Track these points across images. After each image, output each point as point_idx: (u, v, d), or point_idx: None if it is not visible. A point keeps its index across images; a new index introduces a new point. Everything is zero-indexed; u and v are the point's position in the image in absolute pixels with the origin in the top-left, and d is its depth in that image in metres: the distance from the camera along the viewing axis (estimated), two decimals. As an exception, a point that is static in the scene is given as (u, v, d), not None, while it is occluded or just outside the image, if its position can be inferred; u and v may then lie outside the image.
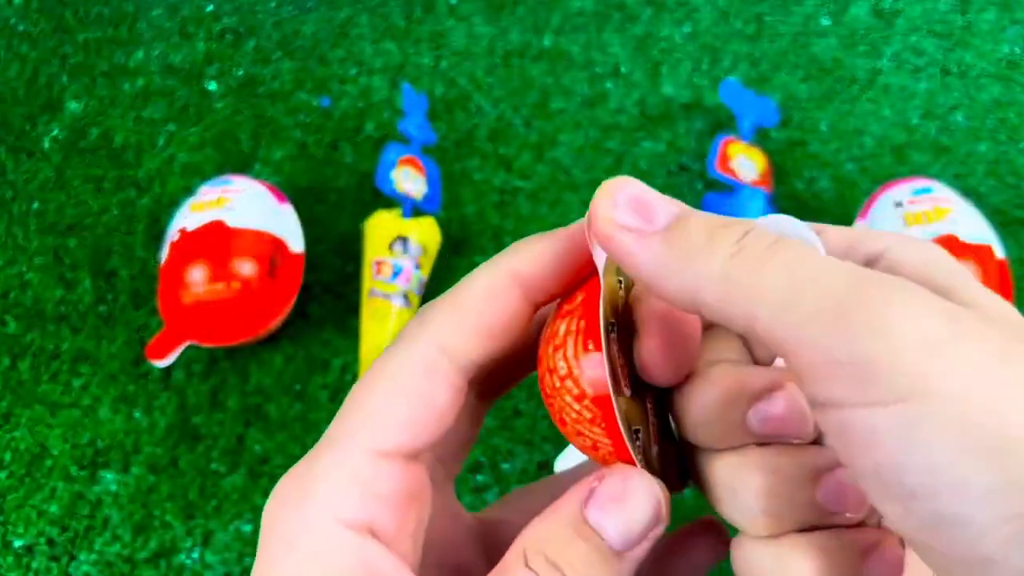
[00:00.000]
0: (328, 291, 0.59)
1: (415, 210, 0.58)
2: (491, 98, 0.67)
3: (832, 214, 0.61)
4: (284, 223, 0.57)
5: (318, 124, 0.66)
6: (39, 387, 0.57)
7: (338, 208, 0.63)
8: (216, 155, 0.65)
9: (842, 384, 0.14)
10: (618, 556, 0.17)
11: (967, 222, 0.52)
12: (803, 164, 0.63)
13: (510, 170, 0.64)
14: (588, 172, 0.64)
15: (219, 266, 0.53)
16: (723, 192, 0.59)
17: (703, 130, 0.65)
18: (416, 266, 0.57)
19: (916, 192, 0.54)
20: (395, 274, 0.56)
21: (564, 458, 0.52)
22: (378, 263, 0.56)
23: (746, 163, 0.59)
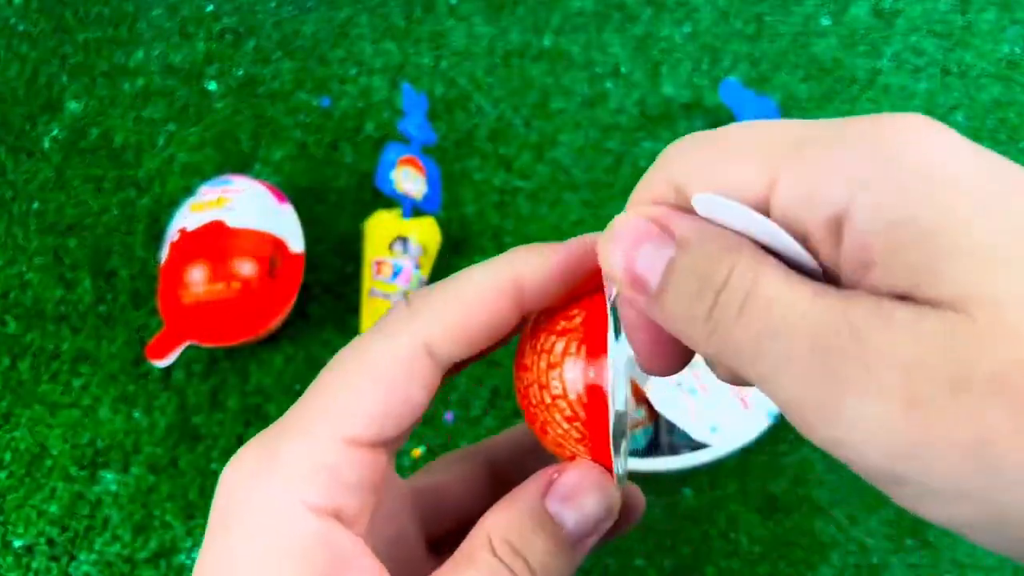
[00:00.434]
0: (328, 291, 0.59)
1: (415, 210, 0.58)
2: (491, 98, 0.67)
3: (832, 214, 0.61)
4: (284, 223, 0.57)
5: (318, 124, 0.66)
6: (39, 387, 0.57)
7: (338, 208, 0.63)
8: (216, 155, 0.65)
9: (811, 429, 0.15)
10: (573, 545, 0.18)
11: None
12: (803, 164, 0.63)
13: (510, 170, 0.64)
14: (588, 172, 0.64)
15: (219, 266, 0.53)
16: (723, 192, 0.59)
17: (703, 130, 0.65)
18: (416, 266, 0.57)
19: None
20: (395, 274, 0.56)
21: None
22: (378, 263, 0.56)
23: (746, 163, 0.59)
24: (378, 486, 0.19)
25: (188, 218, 0.55)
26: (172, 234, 0.55)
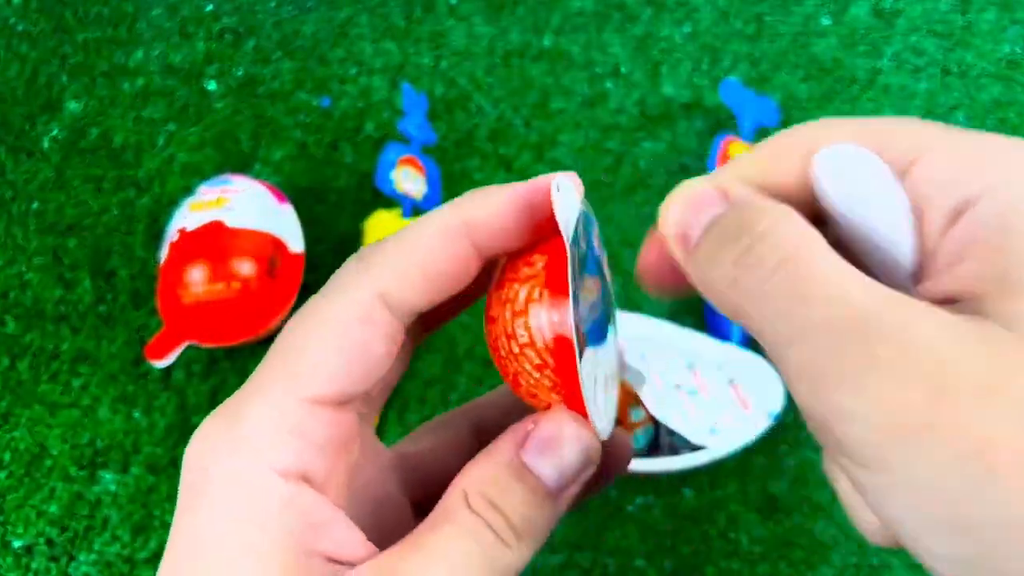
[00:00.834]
0: (328, 291, 0.59)
1: (415, 210, 0.58)
2: (491, 98, 0.67)
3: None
4: (284, 223, 0.57)
5: (318, 124, 0.66)
6: (38, 387, 0.57)
7: (338, 208, 0.63)
8: (216, 155, 0.65)
9: (818, 436, 0.15)
10: (553, 497, 0.18)
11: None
12: (803, 164, 0.63)
13: (510, 170, 0.64)
14: (588, 172, 0.64)
15: (219, 266, 0.53)
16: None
17: (703, 130, 0.65)
18: (416, 266, 0.57)
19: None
20: (395, 274, 0.56)
21: None
22: (378, 263, 0.56)
23: (746, 163, 0.59)
24: (348, 447, 0.18)
25: (188, 218, 0.55)
26: (172, 234, 0.55)
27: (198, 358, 0.57)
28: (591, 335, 0.19)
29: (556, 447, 0.18)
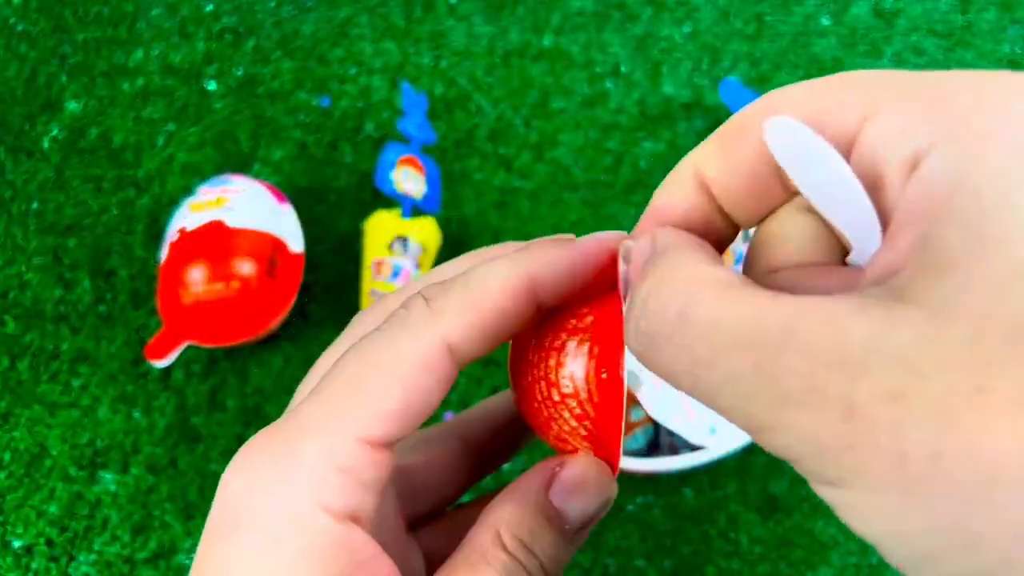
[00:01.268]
0: (328, 291, 0.59)
1: (415, 210, 0.58)
2: (491, 98, 0.67)
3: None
4: (284, 223, 0.57)
5: (318, 124, 0.66)
6: (38, 387, 0.57)
7: (338, 208, 0.63)
8: (216, 155, 0.65)
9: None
10: (573, 537, 0.19)
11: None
12: (803, 164, 0.63)
13: (510, 170, 0.64)
14: (588, 172, 0.64)
15: (219, 266, 0.53)
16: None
17: (703, 130, 0.65)
18: (416, 266, 0.57)
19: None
20: (395, 274, 0.56)
21: None
22: (378, 263, 0.56)
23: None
24: (388, 485, 0.19)
25: (187, 218, 0.55)
26: (171, 234, 0.55)
27: (198, 358, 0.57)
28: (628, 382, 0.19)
29: (582, 491, 0.19)
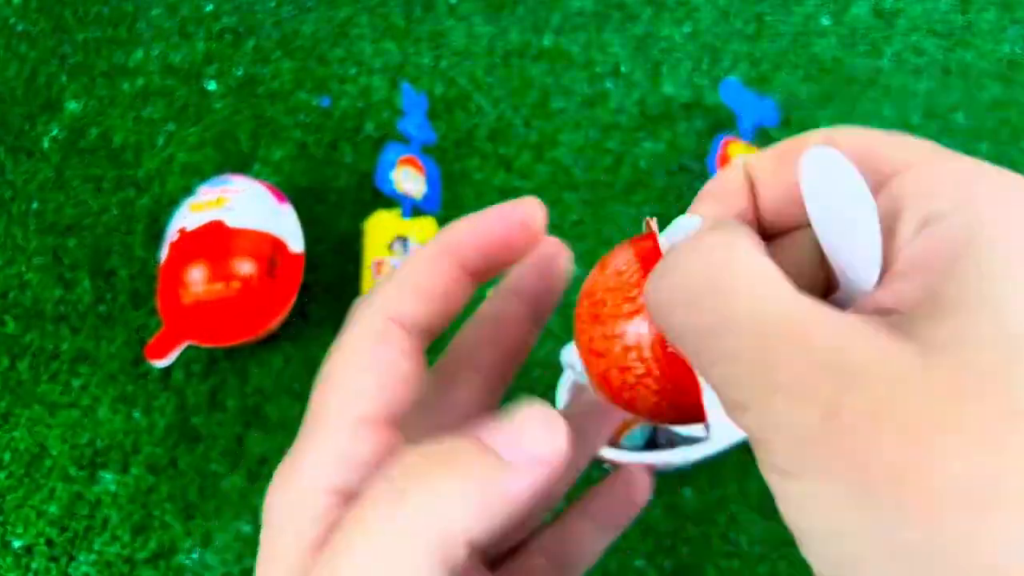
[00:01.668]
0: (328, 291, 0.59)
1: (415, 210, 0.58)
2: (491, 98, 0.67)
3: (832, 214, 0.61)
4: (284, 223, 0.57)
5: (318, 124, 0.66)
6: (38, 387, 0.57)
7: (338, 208, 0.63)
8: (216, 155, 0.65)
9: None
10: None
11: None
12: (803, 164, 0.63)
13: (510, 170, 0.64)
14: (588, 172, 0.64)
15: (218, 266, 0.53)
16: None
17: (703, 130, 0.65)
18: (416, 266, 0.57)
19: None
20: (395, 274, 0.56)
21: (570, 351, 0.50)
22: (378, 263, 0.56)
23: (746, 163, 0.59)
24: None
25: (187, 218, 0.55)
26: (171, 234, 0.55)
27: (198, 358, 0.57)
28: None
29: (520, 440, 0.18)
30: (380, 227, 0.57)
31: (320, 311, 0.59)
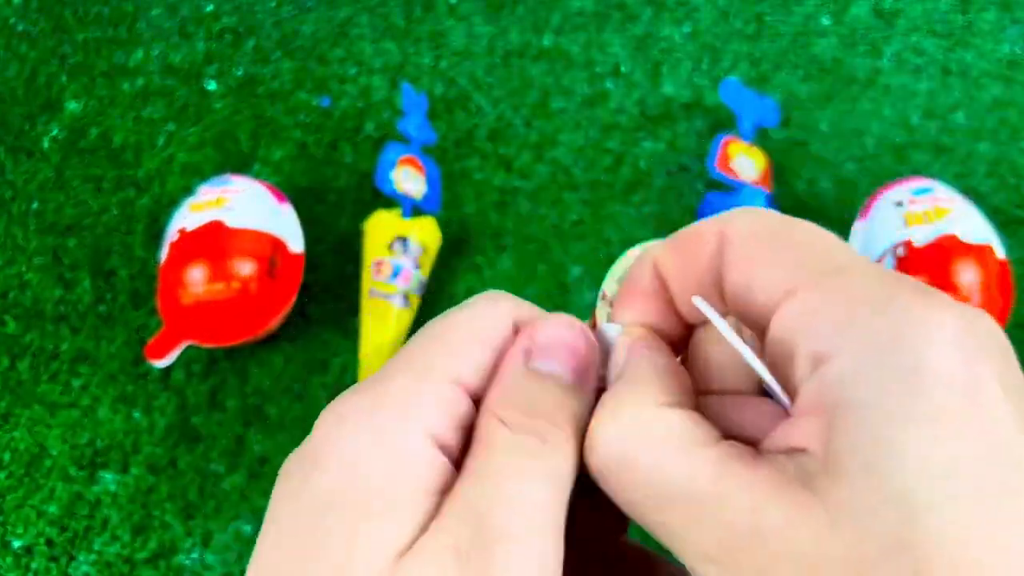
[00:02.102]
0: (328, 291, 0.59)
1: (415, 210, 0.58)
2: (491, 98, 0.67)
3: (832, 214, 0.61)
4: (284, 223, 0.57)
5: (318, 124, 0.66)
6: (38, 387, 0.57)
7: (338, 208, 0.63)
8: (216, 155, 0.65)
9: None
10: (579, 391, 0.19)
11: (967, 222, 0.52)
12: (803, 164, 0.63)
13: (510, 170, 0.64)
14: (588, 172, 0.64)
15: (218, 266, 0.53)
16: (724, 192, 0.59)
17: (703, 130, 0.65)
18: (416, 266, 0.57)
19: (916, 192, 0.54)
20: (395, 274, 0.56)
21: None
22: (378, 263, 0.56)
23: (746, 163, 0.59)
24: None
25: (187, 218, 0.55)
26: (171, 234, 0.55)
27: (198, 358, 0.57)
28: None
29: (553, 349, 0.19)
30: (380, 227, 0.57)
31: (320, 311, 0.59)
